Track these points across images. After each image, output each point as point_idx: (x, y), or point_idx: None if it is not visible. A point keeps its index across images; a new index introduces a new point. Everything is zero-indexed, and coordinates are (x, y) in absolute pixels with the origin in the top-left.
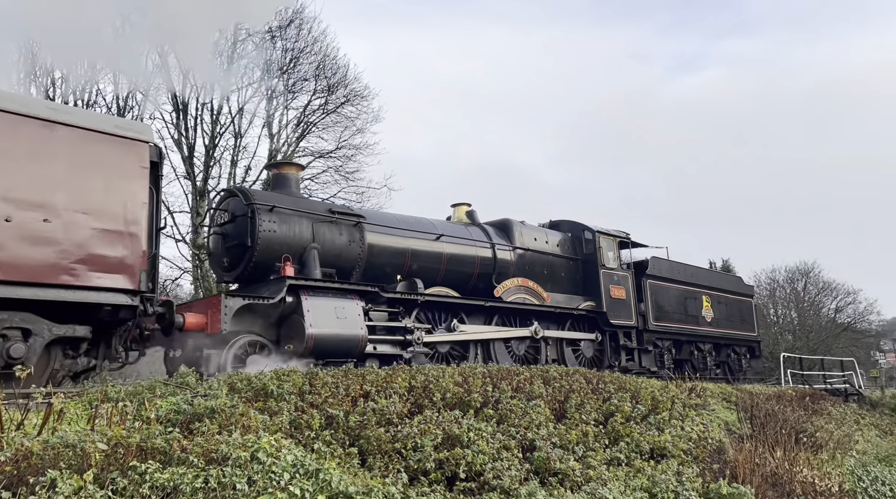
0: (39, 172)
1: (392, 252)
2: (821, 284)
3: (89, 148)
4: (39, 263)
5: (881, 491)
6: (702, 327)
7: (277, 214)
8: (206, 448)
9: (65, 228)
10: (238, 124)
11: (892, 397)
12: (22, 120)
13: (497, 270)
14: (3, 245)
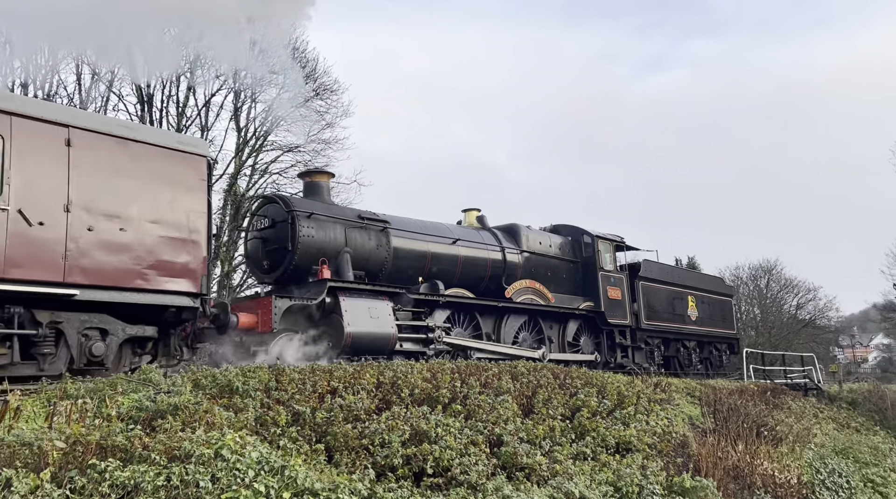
0: (116, 185)
1: (415, 255)
2: (783, 281)
3: (157, 163)
4: (116, 269)
5: (838, 483)
6: (687, 326)
7: (315, 220)
8: (169, 446)
9: (138, 237)
10: (205, 117)
11: (850, 392)
12: (102, 138)
13: (507, 271)
14: (87, 253)
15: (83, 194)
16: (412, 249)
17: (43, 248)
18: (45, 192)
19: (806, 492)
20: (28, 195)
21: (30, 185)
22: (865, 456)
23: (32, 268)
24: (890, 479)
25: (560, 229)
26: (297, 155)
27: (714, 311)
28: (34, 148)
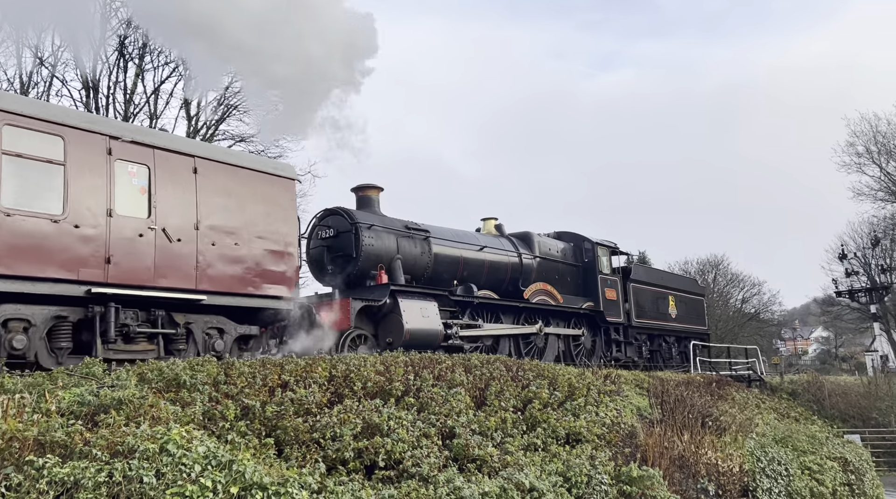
0: (230, 205)
1: (450, 261)
2: (729, 275)
3: (259, 186)
4: (232, 277)
5: (777, 471)
6: (669, 323)
7: (373, 230)
8: (112, 441)
9: (247, 250)
10: (154, 105)
11: (790, 383)
12: (219, 165)
13: (523, 275)
14: (211, 264)
15: (207, 214)
16: (449, 255)
17: (180, 261)
18: (180, 213)
19: (747, 480)
20: (168, 216)
21: (169, 207)
22: (803, 444)
23: (173, 278)
24: (826, 466)
25: (563, 236)
26: (250, 144)
27: (690, 309)
28: (171, 176)
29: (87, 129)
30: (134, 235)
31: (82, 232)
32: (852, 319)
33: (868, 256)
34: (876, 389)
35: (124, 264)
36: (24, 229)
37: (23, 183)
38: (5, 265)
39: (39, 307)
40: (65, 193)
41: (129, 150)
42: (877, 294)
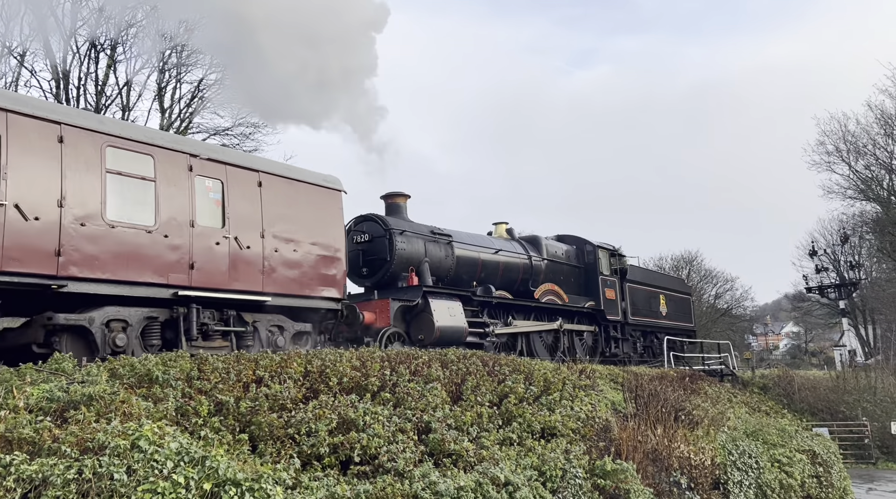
0: (289, 215)
1: (470, 263)
2: (703, 271)
3: (312, 197)
4: (291, 280)
5: (748, 463)
6: (660, 320)
7: (405, 235)
8: (82, 437)
9: (304, 256)
10: (126, 97)
11: (761, 377)
12: (278, 179)
13: (533, 276)
14: (275, 268)
15: (271, 223)
16: (469, 258)
17: (249, 266)
18: (248, 222)
19: (718, 473)
20: (239, 225)
21: (239, 217)
22: (773, 438)
23: (244, 281)
24: (795, 459)
25: (565, 239)
26: (225, 138)
27: (678, 307)
28: (240, 189)
29: (172, 148)
30: (212, 243)
31: (171, 241)
32: (822, 315)
33: (837, 252)
34: (844, 383)
35: (205, 270)
36: (125, 239)
37: (122, 198)
38: (111, 271)
39: (135, 309)
40: (156, 206)
41: (206, 166)
42: (845, 290)
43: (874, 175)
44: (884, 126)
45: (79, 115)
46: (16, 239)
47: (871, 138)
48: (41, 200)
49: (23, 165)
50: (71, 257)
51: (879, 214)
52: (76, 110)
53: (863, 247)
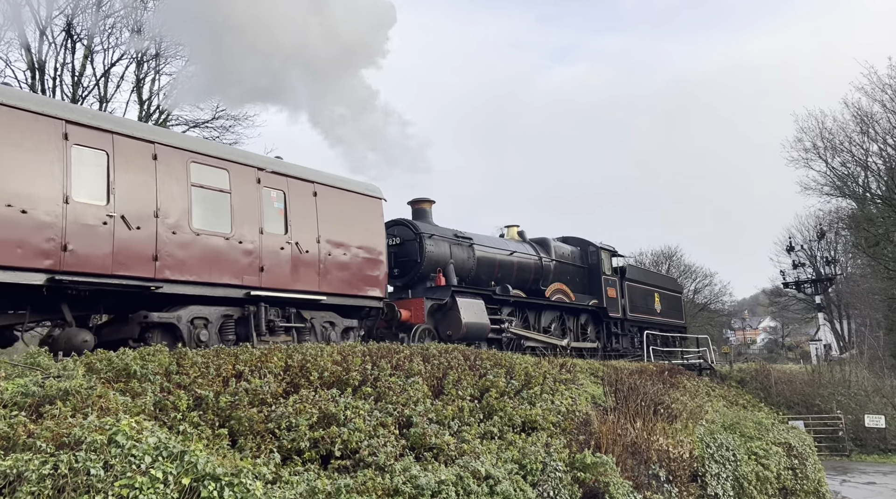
0: (339, 221)
1: (489, 264)
2: (682, 267)
3: (357, 205)
4: (342, 281)
5: (725, 456)
6: (655, 317)
7: (433, 239)
8: (57, 432)
9: (352, 259)
10: (104, 88)
11: (739, 371)
12: (330, 189)
13: (543, 276)
14: (328, 270)
15: (325, 229)
16: (487, 259)
17: (308, 268)
18: (306, 228)
19: (696, 465)
20: (299, 231)
21: (299, 224)
22: (750, 431)
23: (304, 282)
24: (771, 451)
25: (569, 240)
26: (205, 131)
27: (671, 304)
28: (299, 199)
29: (243, 163)
30: (277, 248)
31: (244, 247)
32: (798, 310)
33: (814, 248)
34: (819, 377)
35: (272, 272)
36: (207, 245)
37: (205, 208)
38: (196, 274)
39: (213, 307)
40: (231, 215)
41: (271, 178)
42: (821, 285)
43: (850, 172)
44: (860, 124)
45: (168, 135)
46: (123, 247)
47: (848, 136)
48: (141, 211)
49: (126, 180)
50: (165, 262)
51: (855, 210)
52: (166, 130)
53: (838, 243)
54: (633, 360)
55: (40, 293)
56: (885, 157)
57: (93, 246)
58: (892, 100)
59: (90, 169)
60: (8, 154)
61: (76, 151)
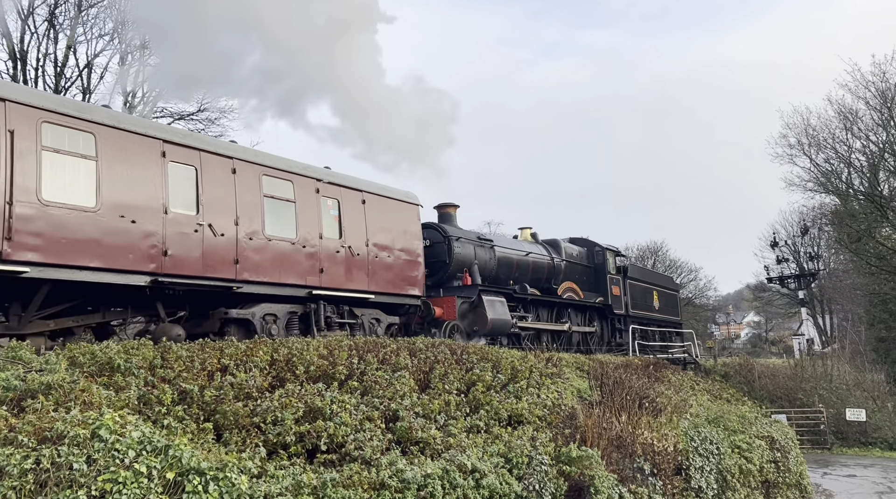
0: (384, 226)
1: (507, 264)
2: (668, 261)
3: (399, 211)
4: (387, 281)
5: (709, 449)
6: (654, 314)
7: (460, 241)
8: (39, 427)
9: (395, 260)
10: (87, 79)
11: (723, 366)
12: (376, 197)
13: (555, 275)
14: (376, 271)
15: (372, 234)
16: (506, 259)
17: (359, 270)
18: (357, 233)
19: (681, 458)
20: (351, 236)
21: (352, 230)
22: (734, 424)
23: (356, 282)
24: (754, 445)
25: (576, 241)
26: (190, 123)
27: (668, 302)
28: (351, 207)
29: (304, 175)
30: (334, 251)
31: (307, 250)
32: (782, 305)
33: (797, 243)
34: (802, 371)
35: (330, 273)
36: (277, 249)
37: (275, 216)
38: (268, 275)
39: (281, 305)
40: (296, 222)
41: (327, 188)
42: (805, 280)
43: (833, 168)
44: (843, 121)
45: (244, 151)
46: (210, 251)
47: (832, 132)
48: (224, 220)
49: (211, 192)
50: (244, 265)
51: (838, 206)
52: (242, 147)
53: (822, 238)
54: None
55: (142, 293)
56: (867, 153)
57: (187, 251)
58: (876, 97)
59: (183, 183)
60: (120, 172)
61: (172, 167)
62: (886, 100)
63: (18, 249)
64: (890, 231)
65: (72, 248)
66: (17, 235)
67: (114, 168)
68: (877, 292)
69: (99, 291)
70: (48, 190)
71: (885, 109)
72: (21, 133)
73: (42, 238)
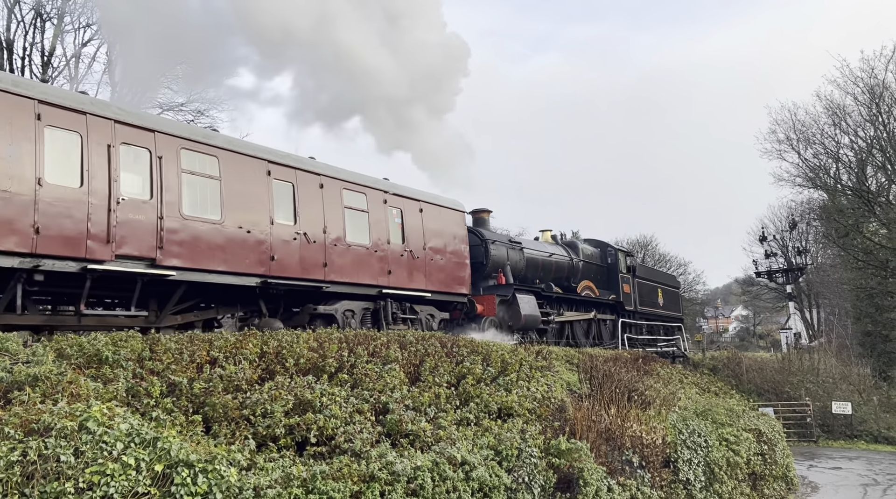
0: (438, 232)
1: (534, 265)
2: (657, 255)
3: (449, 217)
4: (440, 281)
5: (697, 442)
6: (658, 310)
7: (495, 244)
8: (26, 419)
9: (447, 262)
10: (74, 69)
11: (711, 359)
12: (432, 206)
13: (574, 274)
14: (432, 272)
15: (429, 239)
16: (533, 260)
17: (419, 271)
18: (416, 239)
19: (669, 451)
20: (412, 241)
21: (411, 235)
22: (722, 417)
23: (416, 282)
24: (742, 437)
25: (591, 242)
26: (179, 114)
27: (671, 299)
28: (412, 215)
29: (375, 187)
30: (399, 255)
31: (378, 255)
32: (770, 299)
33: (786, 238)
34: (789, 364)
35: (396, 274)
36: (356, 254)
37: (353, 225)
38: (348, 276)
39: (357, 302)
40: (369, 229)
41: (393, 200)
42: (792, 275)
43: (822, 164)
44: (831, 116)
45: (328, 168)
46: (305, 256)
47: (820, 128)
48: (315, 229)
49: (304, 205)
50: (331, 267)
51: (826, 201)
52: (327, 165)
53: (810, 233)
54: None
55: (251, 292)
56: (855, 149)
57: (288, 256)
58: (864, 93)
59: (283, 197)
60: (238, 189)
61: (276, 184)
62: (874, 96)
63: (167, 257)
64: (877, 226)
65: (204, 255)
66: (166, 245)
67: (233, 186)
68: (863, 287)
69: (215, 291)
70: (187, 206)
71: (873, 105)
72: (167, 159)
73: (183, 247)
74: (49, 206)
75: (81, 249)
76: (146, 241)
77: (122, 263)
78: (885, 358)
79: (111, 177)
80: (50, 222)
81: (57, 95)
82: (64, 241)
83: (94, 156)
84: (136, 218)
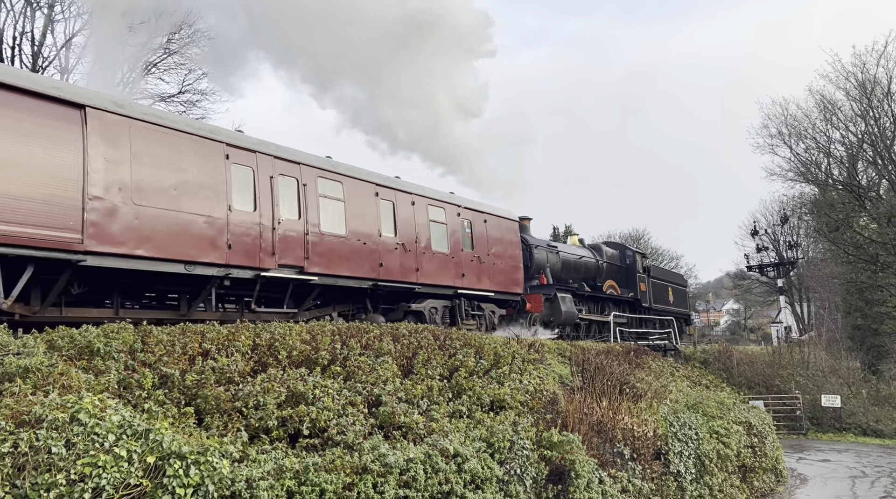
0: (498, 239)
1: (566, 267)
2: (649, 249)
3: (503, 225)
4: (498, 281)
5: (688, 435)
6: (669, 307)
7: (537, 249)
8: (17, 410)
9: (505, 266)
10: (65, 59)
11: (702, 352)
12: (492, 217)
13: (599, 274)
14: (493, 275)
15: (490, 246)
16: (566, 262)
17: (485, 274)
18: (482, 246)
19: (660, 443)
20: (479, 249)
21: (478, 243)
22: (713, 410)
23: (482, 283)
24: (732, 430)
25: (612, 245)
26: (171, 105)
27: (679, 296)
28: (478, 225)
29: (452, 203)
30: (469, 260)
31: (454, 260)
32: (761, 293)
33: (777, 232)
34: (779, 358)
35: (467, 277)
36: (438, 260)
37: (436, 235)
38: (433, 279)
39: (439, 301)
40: (447, 239)
41: (465, 213)
42: (783, 269)
43: (813, 158)
44: (823, 111)
45: (416, 187)
46: (403, 262)
47: (812, 123)
48: (409, 240)
49: (402, 219)
50: (421, 272)
51: (817, 196)
52: (420, 185)
53: (801, 228)
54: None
55: (362, 292)
56: (846, 144)
57: (392, 262)
58: (855, 88)
59: (387, 214)
60: (356, 208)
61: (381, 203)
62: (866, 91)
63: (311, 265)
64: (867, 221)
65: (335, 263)
66: (311, 256)
67: (353, 206)
68: (853, 281)
69: (336, 291)
70: (324, 224)
71: (864, 100)
72: (309, 186)
73: (321, 257)
74: (236, 226)
75: (256, 260)
76: (297, 252)
77: (282, 270)
78: (875, 352)
79: (273, 202)
80: (237, 240)
81: (238, 139)
82: (245, 254)
83: (262, 185)
84: (290, 234)
